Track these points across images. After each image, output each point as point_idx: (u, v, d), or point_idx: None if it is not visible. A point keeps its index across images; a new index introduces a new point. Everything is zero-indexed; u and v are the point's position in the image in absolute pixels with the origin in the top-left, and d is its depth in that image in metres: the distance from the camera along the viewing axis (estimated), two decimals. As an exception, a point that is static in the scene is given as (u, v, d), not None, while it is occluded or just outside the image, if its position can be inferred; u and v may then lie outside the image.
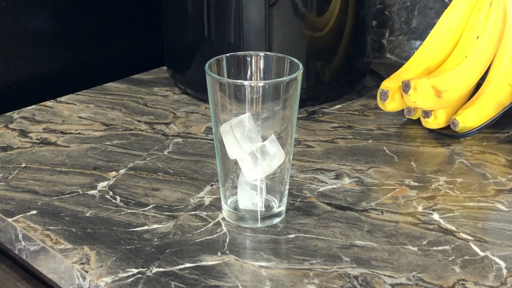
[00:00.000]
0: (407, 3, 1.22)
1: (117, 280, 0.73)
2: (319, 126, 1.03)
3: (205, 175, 0.91)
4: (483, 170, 0.91)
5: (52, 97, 1.12)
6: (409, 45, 1.24)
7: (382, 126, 1.03)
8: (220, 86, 0.77)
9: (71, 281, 0.76)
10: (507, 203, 0.84)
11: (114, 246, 0.78)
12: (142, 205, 0.85)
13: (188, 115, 1.07)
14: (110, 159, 0.95)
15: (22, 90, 1.14)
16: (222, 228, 0.81)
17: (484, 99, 0.99)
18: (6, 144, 0.99)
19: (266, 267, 0.74)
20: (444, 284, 0.72)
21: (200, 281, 0.72)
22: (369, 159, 0.94)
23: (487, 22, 0.98)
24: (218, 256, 0.76)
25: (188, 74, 1.10)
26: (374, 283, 0.72)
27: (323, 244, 0.78)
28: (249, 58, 0.82)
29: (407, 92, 0.95)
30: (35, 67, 1.15)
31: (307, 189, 0.88)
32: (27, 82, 1.15)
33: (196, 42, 1.08)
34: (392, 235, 0.79)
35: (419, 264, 0.74)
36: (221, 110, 0.78)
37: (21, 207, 0.85)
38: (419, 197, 0.86)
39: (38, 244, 0.79)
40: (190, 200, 0.86)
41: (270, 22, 1.02)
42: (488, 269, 0.74)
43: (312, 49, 1.06)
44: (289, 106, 0.78)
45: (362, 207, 0.84)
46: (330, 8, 1.05)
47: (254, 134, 0.77)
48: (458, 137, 0.99)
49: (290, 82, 0.77)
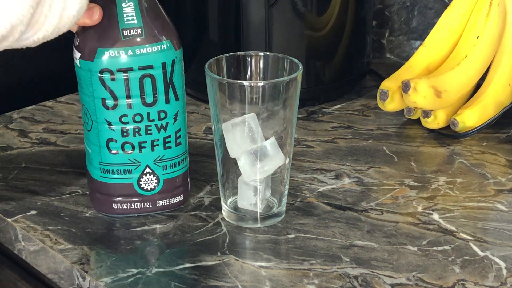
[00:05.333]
0: (407, 3, 1.22)
1: (117, 280, 0.73)
2: (319, 126, 1.03)
3: (205, 175, 0.91)
4: (483, 170, 0.91)
5: (52, 97, 1.12)
6: (409, 45, 1.24)
7: (382, 126, 1.03)
8: (220, 86, 0.77)
9: (71, 281, 0.76)
10: (507, 203, 0.84)
11: (114, 246, 0.78)
12: (142, 205, 0.85)
13: (188, 115, 1.06)
14: (110, 159, 0.94)
15: (22, 90, 1.14)
16: (222, 228, 0.81)
17: (484, 99, 0.99)
18: (6, 144, 0.99)
19: (266, 267, 0.74)
20: (444, 284, 0.72)
21: (200, 281, 0.72)
22: (369, 159, 0.94)
23: (487, 22, 0.98)
24: (218, 256, 0.76)
25: (188, 74, 1.09)
26: (374, 283, 0.72)
27: (323, 244, 0.78)
28: (249, 58, 0.82)
29: (407, 92, 0.95)
30: (35, 67, 1.15)
31: (307, 189, 0.88)
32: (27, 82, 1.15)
33: (196, 42, 1.08)
34: (392, 235, 0.79)
35: (419, 264, 0.74)
36: (221, 110, 0.78)
37: (21, 207, 0.85)
38: (419, 197, 0.86)
39: (38, 244, 0.79)
40: (190, 200, 0.86)
41: (270, 22, 1.02)
42: (488, 269, 0.74)
43: (312, 49, 1.06)
44: (289, 106, 0.78)
45: (362, 207, 0.84)
46: (330, 8, 1.05)
47: (256, 135, 0.77)
48: (458, 137, 0.99)
49: (290, 82, 0.77)
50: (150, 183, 0.81)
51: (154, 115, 0.78)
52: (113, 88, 0.77)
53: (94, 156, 0.80)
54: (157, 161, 0.80)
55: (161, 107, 0.78)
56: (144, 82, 0.77)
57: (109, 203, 0.82)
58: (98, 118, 0.79)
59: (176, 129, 0.80)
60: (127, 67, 0.76)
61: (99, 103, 0.78)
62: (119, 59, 0.76)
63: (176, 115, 0.79)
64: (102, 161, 0.80)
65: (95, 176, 0.81)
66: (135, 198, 0.81)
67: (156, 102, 0.78)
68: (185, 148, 0.82)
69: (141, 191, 0.81)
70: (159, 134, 0.79)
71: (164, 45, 0.77)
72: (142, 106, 0.78)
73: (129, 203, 0.81)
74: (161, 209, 0.82)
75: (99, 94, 0.77)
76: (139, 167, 0.80)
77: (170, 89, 0.78)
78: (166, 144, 0.80)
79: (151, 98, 0.78)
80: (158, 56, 0.77)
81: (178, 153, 0.81)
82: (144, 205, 0.81)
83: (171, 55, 0.78)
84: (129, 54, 0.76)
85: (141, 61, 0.77)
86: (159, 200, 0.82)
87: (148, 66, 0.77)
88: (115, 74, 0.76)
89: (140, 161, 0.80)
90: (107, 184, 0.81)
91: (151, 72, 0.77)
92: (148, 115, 0.78)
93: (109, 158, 0.80)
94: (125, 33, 0.76)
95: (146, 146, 0.79)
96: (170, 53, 0.78)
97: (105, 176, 0.81)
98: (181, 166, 0.82)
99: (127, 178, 0.80)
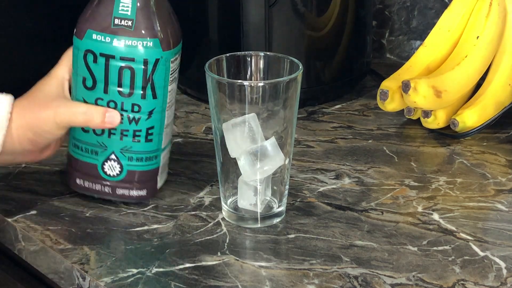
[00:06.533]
0: (407, 3, 1.22)
1: (117, 280, 0.73)
2: (319, 126, 1.03)
3: (205, 175, 0.91)
4: (483, 170, 0.91)
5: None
6: (409, 45, 1.24)
7: (382, 126, 1.03)
8: (220, 86, 0.77)
9: (71, 281, 0.76)
10: (507, 203, 0.84)
11: (114, 246, 0.78)
12: (142, 205, 0.85)
13: (188, 115, 1.07)
14: (110, 159, 0.94)
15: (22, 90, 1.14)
16: (222, 228, 0.81)
17: (484, 99, 0.99)
18: (6, 144, 0.98)
19: (266, 267, 0.74)
20: (444, 284, 0.72)
21: (200, 281, 0.72)
22: (369, 159, 0.94)
23: (487, 22, 0.98)
24: (218, 256, 0.76)
25: (188, 74, 1.10)
26: (374, 283, 0.72)
27: (323, 244, 0.78)
28: (249, 58, 0.82)
29: (407, 92, 0.95)
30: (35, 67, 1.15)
31: (307, 189, 0.88)
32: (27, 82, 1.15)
33: (196, 42, 1.08)
34: (392, 235, 0.79)
35: (419, 264, 0.74)
36: (221, 110, 0.78)
37: (21, 207, 0.85)
38: (419, 197, 0.86)
39: (38, 244, 0.79)
40: (190, 200, 0.86)
41: (270, 22, 1.02)
42: (488, 269, 0.74)
43: (312, 49, 1.06)
44: (289, 106, 0.78)
45: (362, 207, 0.84)
46: (330, 8, 1.05)
47: (257, 135, 0.77)
48: (458, 137, 0.99)
49: (290, 82, 0.77)
50: (113, 169, 0.82)
51: (128, 106, 0.80)
52: (94, 70, 0.79)
53: (72, 129, 0.82)
54: (123, 150, 0.81)
55: (136, 101, 0.79)
56: (124, 72, 0.78)
57: (74, 178, 0.84)
58: (77, 95, 0.81)
59: (149, 125, 0.81)
60: (109, 54, 0.78)
61: (80, 80, 0.80)
62: (103, 44, 0.78)
63: (151, 112, 0.80)
64: (74, 136, 0.83)
65: (69, 148, 0.85)
66: (97, 180, 0.83)
67: (132, 94, 0.79)
68: (157, 146, 0.82)
69: (103, 174, 0.82)
70: (130, 125, 0.80)
71: (150, 42, 0.78)
72: (118, 95, 0.79)
73: (91, 183, 0.83)
74: (121, 197, 0.83)
75: (81, 72, 0.80)
76: (106, 151, 0.82)
77: (148, 86, 0.79)
78: (136, 138, 0.81)
79: (128, 90, 0.79)
80: (141, 51, 0.78)
81: (147, 149, 0.82)
82: (104, 189, 0.83)
83: (155, 53, 0.78)
84: (114, 42, 0.78)
85: (123, 52, 0.78)
86: (120, 188, 0.83)
87: (130, 58, 0.78)
88: (98, 58, 0.79)
89: (108, 146, 0.81)
90: (75, 159, 0.84)
91: (132, 65, 0.78)
92: (122, 105, 0.79)
93: (80, 135, 0.82)
94: (116, 21, 0.78)
95: (115, 133, 0.81)
96: (155, 52, 0.78)
97: (75, 151, 0.84)
98: (149, 163, 0.82)
99: (92, 159, 0.82)
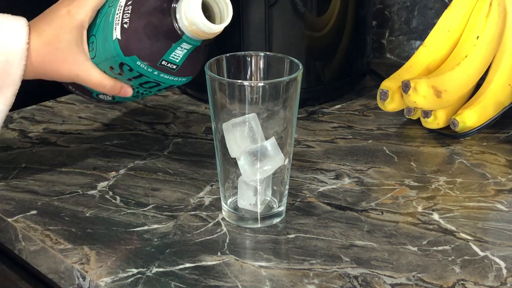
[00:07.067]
0: (407, 3, 1.22)
1: (117, 280, 0.73)
2: (319, 126, 1.03)
3: (205, 175, 0.91)
4: (483, 170, 0.91)
5: (52, 97, 1.12)
6: (409, 45, 1.24)
7: (382, 126, 1.03)
8: (220, 86, 0.77)
9: (71, 281, 0.76)
10: (507, 203, 0.84)
11: (114, 246, 0.78)
12: (142, 205, 0.85)
13: (188, 115, 1.07)
14: (110, 159, 0.95)
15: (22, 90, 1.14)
16: (222, 228, 0.81)
17: (484, 99, 0.99)
18: (6, 144, 0.99)
19: (266, 267, 0.74)
20: (444, 284, 0.72)
21: (200, 281, 0.72)
22: (369, 159, 0.94)
23: (487, 22, 0.98)
24: (218, 256, 0.76)
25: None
26: (374, 283, 0.72)
27: (323, 244, 0.78)
28: (249, 58, 0.82)
29: (407, 92, 0.95)
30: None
31: (307, 189, 0.88)
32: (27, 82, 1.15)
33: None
34: (392, 235, 0.79)
35: (419, 264, 0.74)
36: (221, 110, 0.78)
37: (21, 207, 0.85)
38: (419, 197, 0.86)
39: (38, 244, 0.79)
40: (190, 200, 0.86)
41: (270, 22, 1.02)
42: (488, 269, 0.74)
43: (312, 49, 1.06)
44: (289, 106, 0.78)
45: (362, 207, 0.84)
46: (330, 8, 1.05)
47: (257, 135, 0.77)
48: (458, 137, 0.99)
49: (290, 82, 0.77)
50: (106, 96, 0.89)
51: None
52: (115, 68, 0.82)
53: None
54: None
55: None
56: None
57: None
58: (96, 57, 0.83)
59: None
60: (145, 75, 0.81)
61: (107, 66, 0.82)
62: (143, 69, 0.80)
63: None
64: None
65: None
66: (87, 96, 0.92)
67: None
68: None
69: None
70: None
71: (181, 79, 0.83)
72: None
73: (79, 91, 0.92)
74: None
75: (109, 64, 0.82)
76: None
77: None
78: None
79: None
80: (161, 79, 0.81)
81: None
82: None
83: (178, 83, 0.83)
84: (148, 71, 0.80)
85: (145, 79, 0.82)
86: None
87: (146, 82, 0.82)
88: (133, 71, 0.81)
89: None
90: None
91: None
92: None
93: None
94: (163, 62, 0.79)
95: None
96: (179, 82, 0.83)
97: None
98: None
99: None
